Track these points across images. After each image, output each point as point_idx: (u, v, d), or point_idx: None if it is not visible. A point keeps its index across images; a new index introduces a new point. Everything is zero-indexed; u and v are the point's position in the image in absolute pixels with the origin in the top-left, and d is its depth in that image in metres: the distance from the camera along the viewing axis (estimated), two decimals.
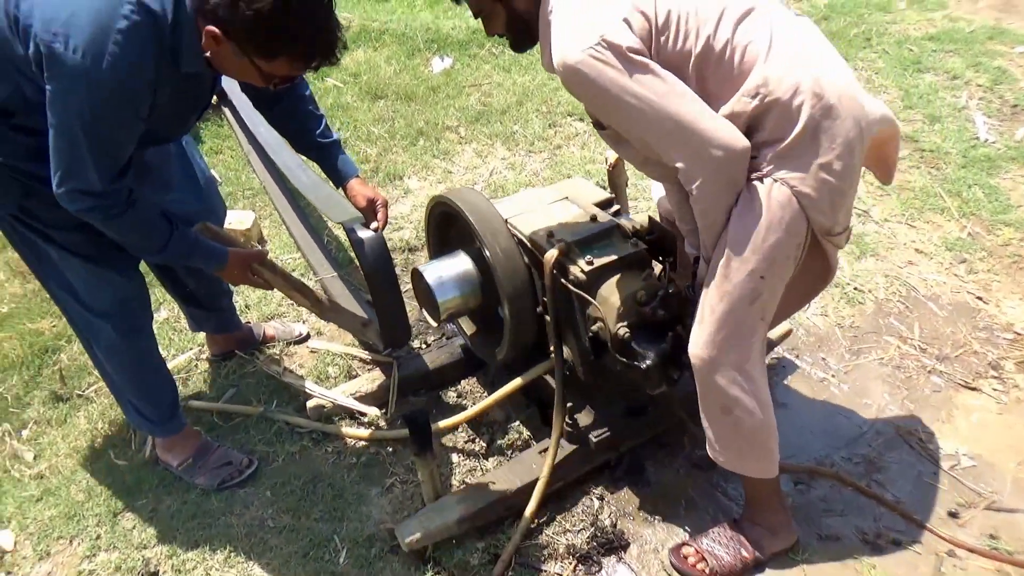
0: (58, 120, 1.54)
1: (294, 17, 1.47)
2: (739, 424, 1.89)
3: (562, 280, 2.02)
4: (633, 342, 1.92)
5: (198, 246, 1.89)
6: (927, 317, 2.92)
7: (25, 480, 2.36)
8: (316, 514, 2.21)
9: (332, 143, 2.16)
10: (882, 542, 2.12)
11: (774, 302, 1.82)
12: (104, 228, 1.74)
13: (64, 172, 1.60)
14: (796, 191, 1.68)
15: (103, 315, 2.01)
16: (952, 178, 3.62)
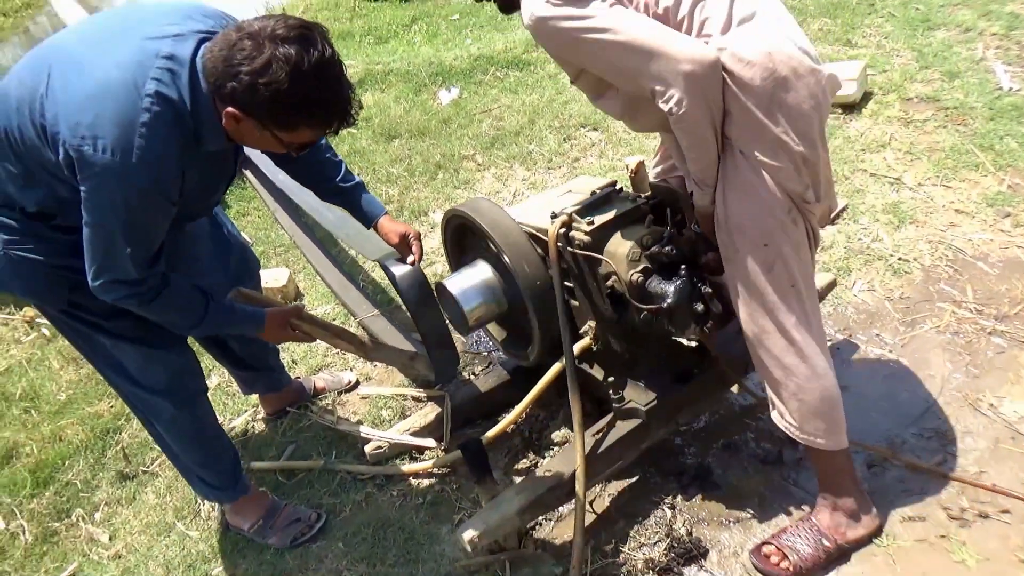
0: (93, 218, 1.59)
1: (311, 89, 1.50)
2: (801, 390, 1.88)
3: (569, 248, 2.02)
4: (649, 285, 1.92)
5: (234, 314, 1.93)
6: (978, 278, 2.84)
7: (104, 562, 2.40)
8: (391, 559, 2.21)
9: (355, 186, 2.19)
10: (969, 516, 2.05)
11: (798, 264, 1.82)
12: (141, 312, 1.78)
13: (99, 266, 1.65)
14: (759, 161, 1.71)
15: (159, 392, 2.05)
16: (982, 132, 3.54)
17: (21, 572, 2.40)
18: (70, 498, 2.64)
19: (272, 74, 1.46)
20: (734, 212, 1.79)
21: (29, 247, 1.74)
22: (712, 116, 1.70)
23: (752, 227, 1.78)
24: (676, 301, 1.87)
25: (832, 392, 1.90)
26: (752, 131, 1.70)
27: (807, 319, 1.86)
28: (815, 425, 1.92)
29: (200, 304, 1.83)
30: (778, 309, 1.83)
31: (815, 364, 1.86)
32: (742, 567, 2.05)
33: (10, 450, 2.84)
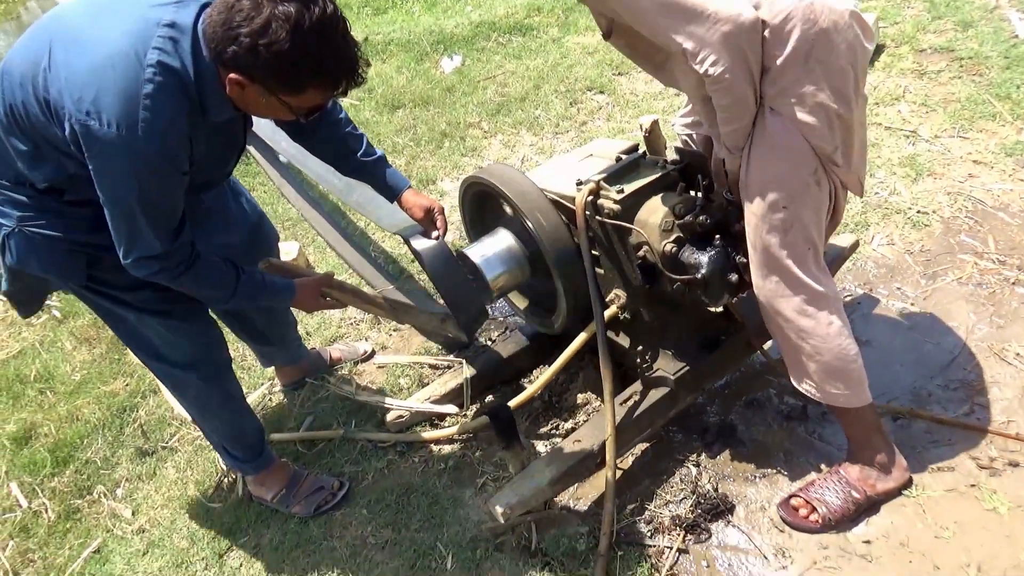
0: (107, 195, 1.56)
1: (313, 49, 1.45)
2: (817, 352, 1.85)
3: (597, 217, 1.98)
4: (682, 255, 1.88)
5: (265, 286, 1.90)
6: (1000, 228, 2.80)
7: (128, 536, 2.40)
8: (415, 524, 2.20)
9: (377, 160, 2.14)
10: (999, 465, 2.03)
11: (816, 227, 1.80)
12: (174, 286, 1.77)
13: (127, 244, 1.63)
14: (793, 119, 1.67)
15: (186, 367, 2.03)
16: (997, 81, 3.47)
17: (46, 549, 2.40)
18: (90, 475, 2.63)
19: (272, 34, 1.40)
20: (756, 173, 1.76)
21: (43, 223, 1.71)
22: (752, 76, 1.65)
23: (774, 189, 1.74)
24: (710, 271, 1.84)
25: (849, 350, 1.87)
26: (787, 87, 1.66)
27: (820, 281, 1.83)
28: (835, 385, 1.89)
29: (231, 277, 1.81)
30: (794, 271, 1.80)
31: (831, 324, 1.84)
32: (769, 521, 2.04)
33: (28, 431, 2.84)
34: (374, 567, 2.12)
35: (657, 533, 2.06)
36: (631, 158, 2.11)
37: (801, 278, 1.80)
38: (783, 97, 1.68)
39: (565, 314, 2.23)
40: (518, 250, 2.24)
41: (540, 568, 2.01)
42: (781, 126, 1.70)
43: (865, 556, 1.90)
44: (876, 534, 1.94)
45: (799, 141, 1.70)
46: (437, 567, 2.08)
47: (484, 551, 2.09)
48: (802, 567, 1.92)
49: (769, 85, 1.68)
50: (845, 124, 1.71)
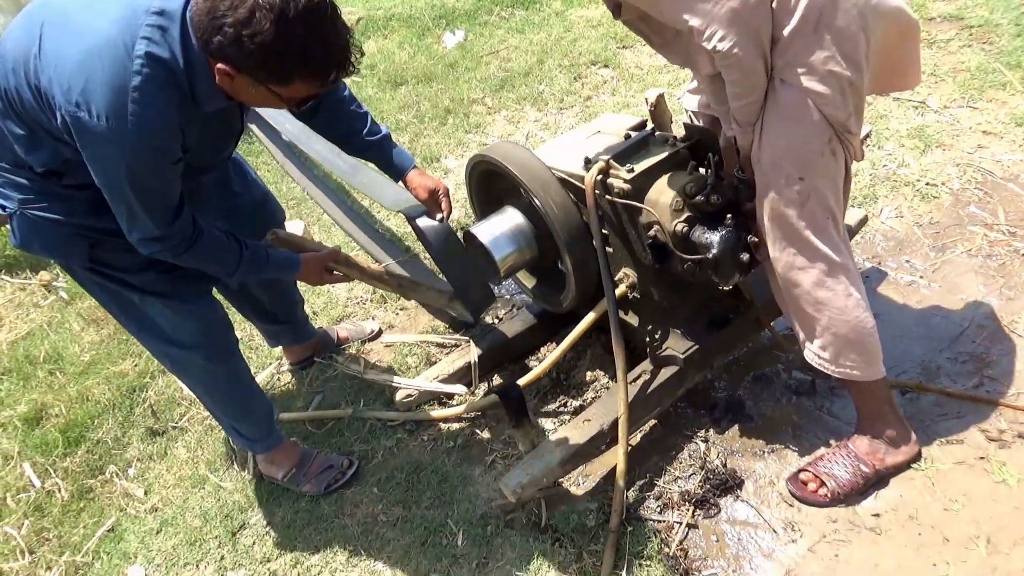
0: (101, 181, 1.57)
1: (299, 39, 1.41)
2: (833, 324, 1.85)
3: (607, 196, 1.97)
4: (693, 235, 1.87)
5: (270, 259, 1.90)
6: (1010, 199, 2.78)
7: (142, 515, 2.42)
8: (425, 502, 2.22)
9: (382, 139, 2.12)
10: (1008, 438, 2.03)
11: (834, 197, 1.79)
12: (178, 263, 1.78)
13: (127, 224, 1.65)
14: (805, 89, 1.65)
15: (191, 347, 2.03)
16: (1008, 50, 3.43)
17: (60, 528, 2.43)
18: (102, 455, 2.65)
19: (256, 24, 1.37)
20: (770, 147, 1.74)
21: (45, 206, 1.71)
22: (763, 49, 1.63)
23: (789, 161, 1.72)
24: (722, 251, 1.83)
25: (866, 323, 1.86)
26: (797, 56, 1.64)
27: (839, 251, 1.81)
28: (849, 358, 1.89)
29: (235, 252, 1.82)
30: (811, 243, 1.78)
31: (849, 296, 1.83)
32: (779, 495, 2.05)
33: (39, 411, 2.85)
34: (385, 544, 2.14)
35: (666, 508, 2.08)
36: (640, 136, 2.08)
37: (820, 249, 1.79)
38: (793, 67, 1.65)
39: (574, 293, 2.22)
40: (526, 229, 2.23)
41: (550, 544, 2.03)
42: (793, 97, 1.68)
43: (874, 529, 1.91)
44: (885, 507, 1.95)
45: (812, 111, 1.68)
46: (448, 544, 2.10)
47: (494, 528, 2.11)
48: (811, 540, 1.93)
49: (778, 56, 1.66)
50: (857, 91, 1.69)
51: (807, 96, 1.66)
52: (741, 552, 1.95)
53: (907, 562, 1.82)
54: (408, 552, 2.10)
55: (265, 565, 2.17)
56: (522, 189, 2.12)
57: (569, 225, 2.08)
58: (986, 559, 1.78)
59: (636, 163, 1.98)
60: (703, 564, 1.95)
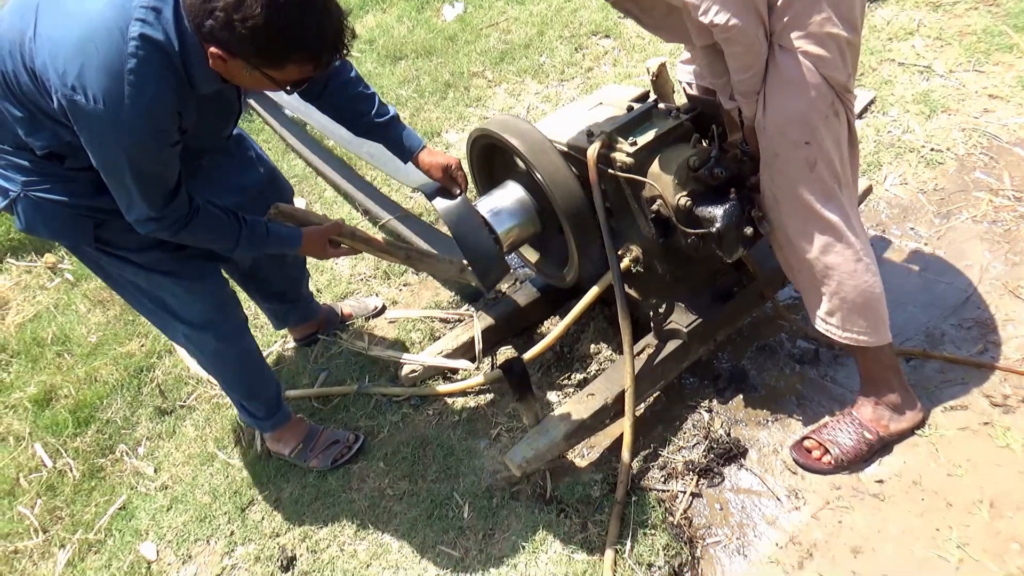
0: (99, 163, 1.57)
1: (290, 22, 1.40)
2: (842, 288, 1.84)
3: (610, 171, 1.95)
4: (697, 209, 1.86)
5: (270, 235, 1.90)
6: (1016, 164, 2.75)
7: (152, 493, 2.45)
8: (431, 475, 2.24)
9: (390, 120, 2.10)
10: (1012, 402, 2.03)
11: (839, 159, 1.78)
12: (177, 240, 1.78)
13: (125, 205, 1.66)
14: (804, 52, 1.63)
15: (202, 326, 2.04)
16: (1015, 11, 3.37)
17: (72, 507, 2.46)
18: (112, 435, 2.68)
19: (247, 8, 1.36)
20: (774, 113, 1.72)
21: (48, 187, 1.71)
22: (762, 16, 1.61)
23: (794, 126, 1.71)
24: (725, 225, 1.82)
25: (875, 288, 1.85)
26: (795, 20, 1.62)
27: (848, 215, 1.80)
28: (857, 323, 1.88)
29: (233, 228, 1.82)
30: (819, 208, 1.77)
31: (859, 260, 1.82)
32: (782, 463, 2.06)
33: (48, 392, 2.88)
34: (392, 517, 2.16)
35: (671, 478, 2.09)
36: (643, 108, 2.06)
37: (827, 215, 1.78)
38: (791, 31, 1.63)
39: (577, 268, 2.21)
40: (529, 203, 2.22)
41: (556, 515, 2.05)
42: (792, 61, 1.66)
43: (878, 496, 1.92)
44: (889, 474, 1.96)
45: (812, 75, 1.66)
46: (454, 516, 2.12)
47: (500, 499, 2.13)
48: (815, 507, 1.94)
49: (776, 21, 1.64)
50: (855, 50, 1.68)
51: (807, 59, 1.65)
52: (745, 520, 1.97)
53: (910, 528, 1.83)
54: (415, 525, 2.13)
55: (274, 540, 2.20)
56: (523, 163, 2.11)
57: (571, 199, 2.06)
58: (989, 523, 1.79)
59: (639, 136, 1.96)
60: (707, 532, 1.97)
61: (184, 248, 1.90)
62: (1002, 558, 1.72)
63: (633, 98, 2.20)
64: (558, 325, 2.26)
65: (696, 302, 2.22)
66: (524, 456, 2.02)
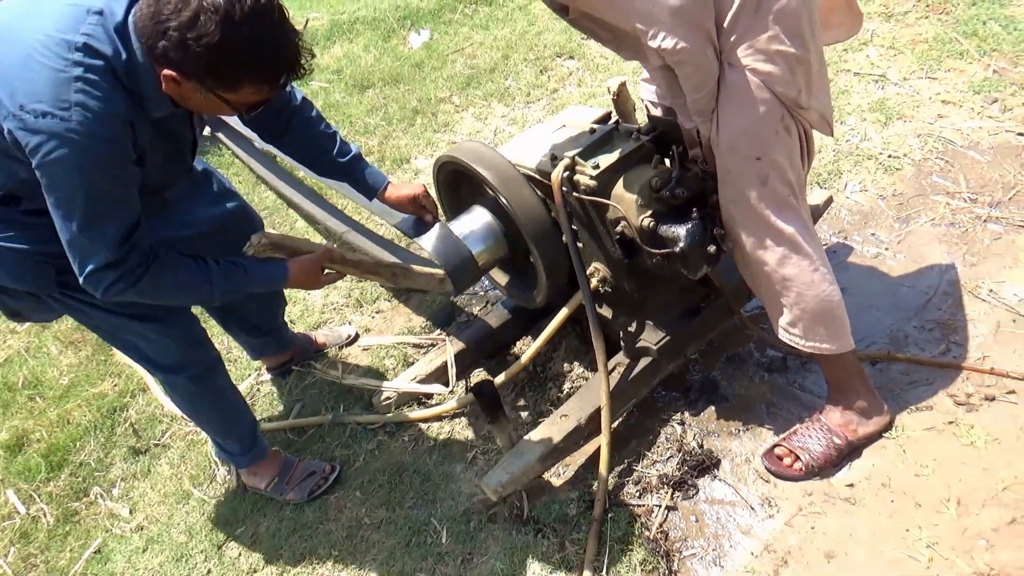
0: (53, 196, 1.50)
1: (246, 41, 1.39)
2: (802, 299, 1.87)
3: (575, 193, 1.98)
4: (660, 229, 1.89)
5: (249, 274, 1.81)
6: (970, 167, 2.81)
7: (127, 535, 2.42)
8: (409, 502, 2.23)
9: (352, 159, 2.10)
10: (976, 401, 2.06)
11: (792, 172, 1.81)
12: (141, 298, 1.70)
13: (80, 257, 1.57)
14: (752, 69, 1.67)
15: (175, 369, 2.02)
16: (964, 19, 3.46)
17: (47, 553, 2.43)
18: (86, 477, 2.65)
19: (201, 27, 1.35)
20: (725, 130, 1.76)
21: (8, 236, 1.68)
22: (711, 37, 1.64)
23: (745, 142, 1.74)
24: (689, 245, 1.84)
25: (833, 296, 1.89)
26: (742, 38, 1.65)
27: (803, 227, 1.84)
28: (818, 332, 1.91)
29: (201, 274, 1.74)
30: (774, 221, 1.80)
31: (815, 270, 1.85)
32: (755, 472, 2.08)
33: (20, 438, 2.84)
34: (371, 547, 2.15)
35: (646, 493, 2.10)
36: (604, 129, 2.08)
37: (782, 228, 1.81)
38: (738, 49, 1.67)
39: (546, 289, 2.23)
40: (496, 227, 2.24)
41: (533, 536, 2.05)
42: (741, 78, 1.69)
43: (849, 499, 1.94)
44: (859, 477, 1.98)
45: (762, 90, 1.69)
46: (432, 542, 2.12)
47: (478, 523, 2.13)
48: (788, 514, 1.95)
49: (724, 40, 1.67)
50: (805, 64, 1.71)
51: (756, 76, 1.68)
52: (720, 530, 1.98)
53: (881, 529, 1.85)
54: (393, 553, 2.12)
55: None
56: (488, 189, 2.13)
57: (537, 222, 2.09)
58: (957, 521, 1.81)
59: (601, 158, 1.98)
60: (684, 545, 1.98)
61: None
62: (970, 555, 1.74)
63: (595, 119, 2.23)
64: (529, 348, 2.28)
65: (665, 319, 2.25)
66: (500, 480, 2.02)
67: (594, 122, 2.20)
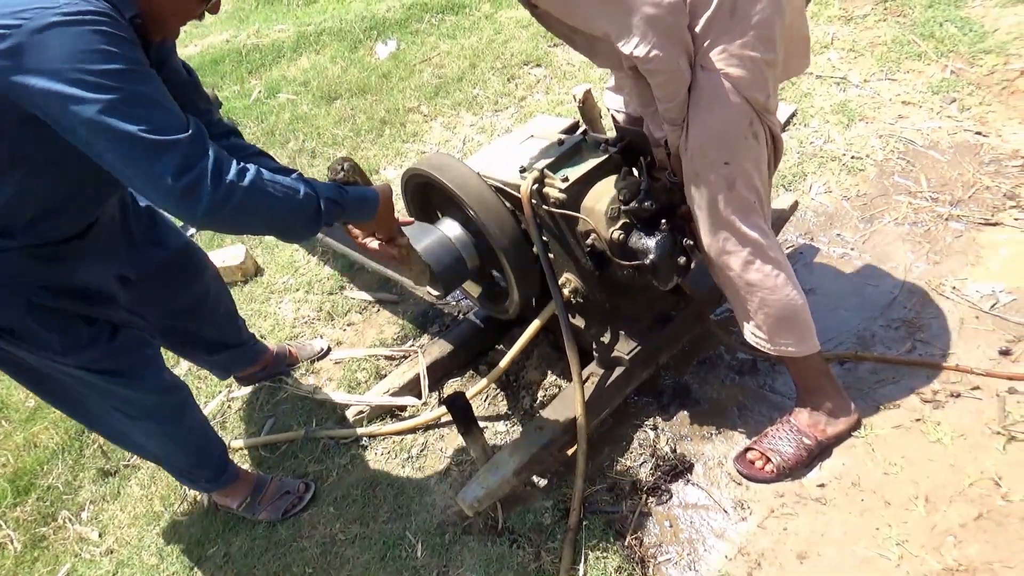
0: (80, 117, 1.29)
1: None
2: (765, 304, 1.88)
3: (544, 207, 1.98)
4: (630, 241, 1.89)
5: (345, 192, 1.60)
6: (931, 166, 2.86)
7: (97, 559, 2.38)
8: (383, 516, 2.22)
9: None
10: (942, 398, 2.09)
11: (759, 178, 1.82)
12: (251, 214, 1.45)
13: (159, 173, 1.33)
14: (725, 74, 1.67)
15: (144, 418, 1.96)
16: (921, 21, 3.53)
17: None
18: (53, 501, 2.60)
19: None
20: (695, 135, 1.76)
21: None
22: (685, 44, 1.64)
23: (714, 147, 1.75)
24: (659, 256, 1.85)
25: (796, 300, 1.90)
26: (714, 43, 1.65)
27: (765, 234, 1.85)
28: (783, 336, 1.93)
29: (301, 182, 1.52)
30: (739, 226, 1.82)
31: (777, 275, 1.87)
32: (727, 475, 2.09)
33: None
34: (344, 563, 2.13)
35: (620, 499, 2.10)
36: (573, 141, 2.08)
37: (746, 233, 1.82)
38: (711, 54, 1.67)
39: (517, 300, 2.23)
40: (464, 238, 2.23)
41: (508, 546, 2.04)
42: (714, 82, 1.69)
43: (820, 499, 1.96)
44: (829, 477, 2.00)
45: (734, 94, 1.70)
46: (407, 556, 2.10)
47: (452, 535, 2.12)
48: (761, 517, 1.97)
49: (698, 45, 1.67)
50: (774, 70, 1.72)
51: (728, 81, 1.69)
52: (694, 535, 1.99)
53: (852, 528, 1.87)
54: (368, 568, 2.10)
55: None
56: (456, 202, 2.13)
57: (507, 235, 2.08)
58: (925, 518, 1.83)
59: (570, 170, 1.98)
60: (658, 550, 1.98)
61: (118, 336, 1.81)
62: (939, 551, 1.76)
63: (563, 129, 2.24)
64: (502, 360, 2.27)
65: (636, 328, 2.26)
66: (476, 496, 2.02)
67: (562, 132, 2.21)
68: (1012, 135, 2.86)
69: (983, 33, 3.34)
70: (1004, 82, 3.08)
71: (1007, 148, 2.81)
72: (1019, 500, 1.81)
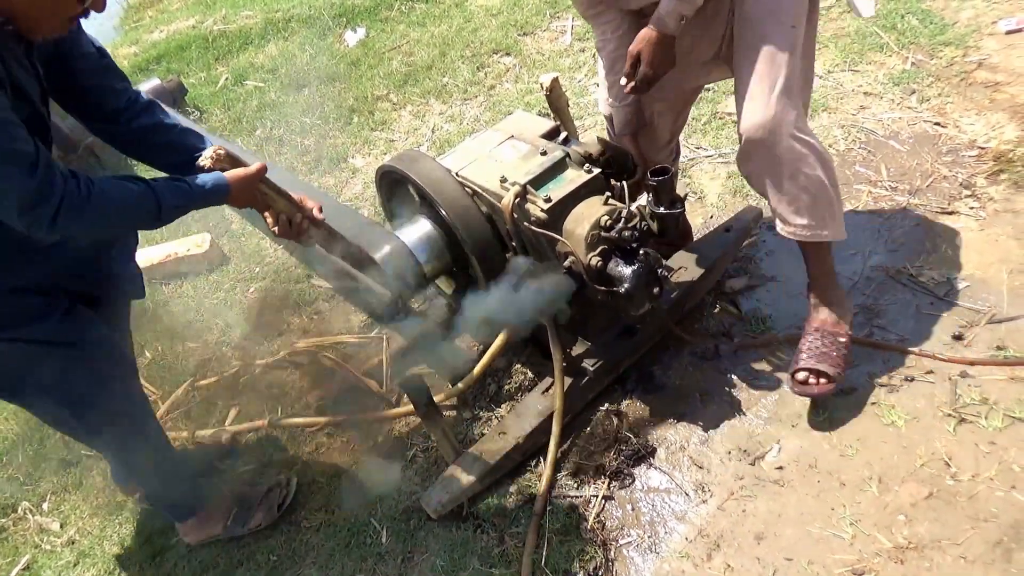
0: None
1: None
2: (810, 183, 1.93)
3: (525, 224, 1.99)
4: (608, 269, 1.91)
5: (194, 186, 1.62)
6: (891, 156, 2.91)
7: (58, 550, 2.35)
8: (348, 503, 2.22)
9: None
10: (896, 382, 2.14)
11: (810, 55, 1.95)
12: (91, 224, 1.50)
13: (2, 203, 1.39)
14: None
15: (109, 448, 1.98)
16: (883, 13, 3.58)
17: None
18: (13, 493, 2.57)
19: None
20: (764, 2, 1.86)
21: None
22: None
23: (786, 10, 1.85)
24: (634, 286, 1.87)
25: (834, 179, 1.99)
26: None
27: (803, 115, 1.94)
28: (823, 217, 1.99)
29: (143, 189, 1.55)
30: (797, 95, 1.88)
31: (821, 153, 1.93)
32: (689, 459, 2.12)
33: None
34: (309, 550, 2.13)
35: (583, 484, 2.12)
36: (556, 155, 2.06)
37: (798, 106, 1.90)
38: None
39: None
40: (436, 236, 2.23)
41: (472, 531, 2.06)
42: None
43: (778, 481, 2.00)
44: (787, 460, 2.04)
45: None
46: (372, 543, 2.11)
47: (418, 521, 2.13)
48: (720, 499, 2.00)
49: None
50: None
51: None
52: (656, 518, 2.02)
53: (808, 509, 1.91)
54: (333, 555, 2.10)
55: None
56: (430, 204, 2.12)
57: (475, 232, 2.08)
58: (878, 497, 1.88)
59: (553, 189, 1.98)
60: (620, 533, 2.01)
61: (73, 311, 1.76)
62: (890, 529, 1.81)
63: (543, 133, 2.22)
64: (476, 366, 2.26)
65: (603, 337, 2.30)
66: (440, 500, 2.05)
67: (542, 135, 2.20)
68: (969, 126, 2.92)
69: (943, 25, 3.40)
70: (962, 74, 3.14)
71: (964, 139, 2.87)
72: (967, 480, 1.86)
